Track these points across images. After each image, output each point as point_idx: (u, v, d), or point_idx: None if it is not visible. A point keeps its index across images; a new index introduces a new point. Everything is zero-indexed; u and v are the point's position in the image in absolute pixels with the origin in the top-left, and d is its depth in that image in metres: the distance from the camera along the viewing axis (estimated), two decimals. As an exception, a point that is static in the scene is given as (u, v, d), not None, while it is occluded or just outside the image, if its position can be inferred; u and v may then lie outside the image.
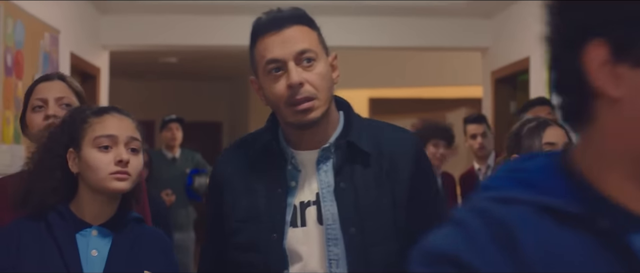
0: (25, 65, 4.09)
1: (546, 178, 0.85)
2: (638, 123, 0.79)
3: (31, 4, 4.23)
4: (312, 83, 1.69)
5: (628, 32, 0.77)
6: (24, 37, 4.09)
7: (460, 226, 0.83)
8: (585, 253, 0.80)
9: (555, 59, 0.84)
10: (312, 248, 1.74)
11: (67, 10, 5.11)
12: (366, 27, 6.21)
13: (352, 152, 1.75)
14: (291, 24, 1.71)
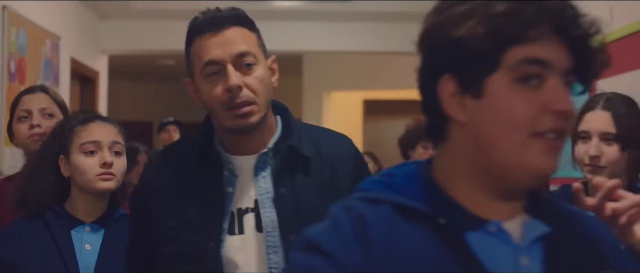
0: (28, 71, 4.30)
1: (406, 183, 1.05)
2: (479, 143, 0.99)
3: (33, 11, 4.43)
4: (251, 87, 1.63)
5: (469, 71, 0.97)
6: (27, 44, 4.29)
7: (332, 220, 1.02)
8: (424, 242, 0.99)
9: (421, 86, 1.04)
10: (250, 256, 1.67)
11: (67, 16, 5.31)
12: (361, 32, 6.42)
13: (292, 157, 1.69)
14: (230, 25, 1.64)
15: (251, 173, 1.68)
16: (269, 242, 1.64)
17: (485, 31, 0.95)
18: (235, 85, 1.60)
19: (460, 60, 0.98)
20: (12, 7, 4.04)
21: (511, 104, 0.96)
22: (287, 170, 1.67)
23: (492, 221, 0.99)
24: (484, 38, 0.95)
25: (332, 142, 1.72)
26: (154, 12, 6.04)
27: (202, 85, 1.65)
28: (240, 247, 1.65)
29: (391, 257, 0.97)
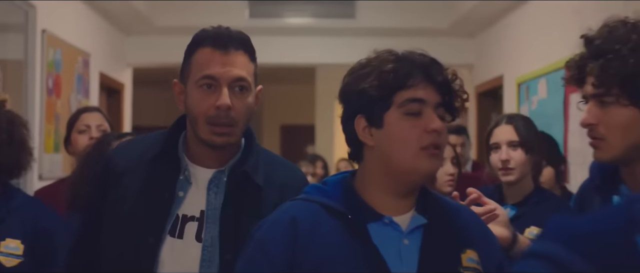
0: (63, 86, 4.79)
1: (333, 188, 1.52)
2: (384, 158, 1.46)
3: (68, 33, 4.92)
4: (238, 110, 1.70)
5: (372, 110, 1.45)
6: (62, 63, 4.79)
7: (274, 218, 1.51)
8: (338, 231, 1.45)
9: (343, 126, 1.52)
10: (185, 262, 1.71)
11: (96, 34, 5.80)
12: (366, 46, 6.82)
13: (245, 181, 1.74)
14: (236, 49, 1.71)
15: (204, 186, 1.74)
16: (205, 255, 1.70)
17: (379, 83, 1.43)
18: (226, 105, 1.67)
19: (366, 104, 1.45)
20: (50, 30, 4.53)
21: (403, 130, 1.44)
22: (238, 192, 1.73)
23: (386, 216, 1.47)
24: (379, 88, 1.43)
25: (285, 172, 1.82)
26: (174, 28, 6.51)
27: (193, 92, 1.71)
28: (178, 251, 1.71)
29: (313, 240, 1.45)
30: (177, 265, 1.71)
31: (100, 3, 5.57)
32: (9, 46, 4.22)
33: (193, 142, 1.76)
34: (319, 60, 7.09)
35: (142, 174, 1.76)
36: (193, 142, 1.76)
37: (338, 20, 6.52)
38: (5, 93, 3.93)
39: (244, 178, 1.73)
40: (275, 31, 6.58)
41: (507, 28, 5.87)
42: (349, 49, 6.82)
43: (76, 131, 2.97)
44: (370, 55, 1.52)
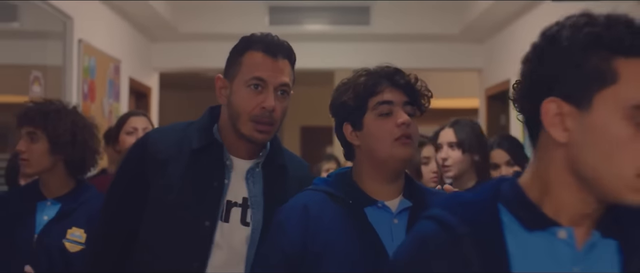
0: (97, 91, 5.17)
1: (336, 180, 1.85)
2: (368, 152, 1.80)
3: (101, 41, 5.30)
4: (278, 112, 1.87)
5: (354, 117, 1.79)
6: (96, 69, 5.16)
7: (290, 205, 1.81)
8: (341, 214, 1.77)
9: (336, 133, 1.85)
10: (232, 243, 1.89)
11: (126, 42, 6.18)
12: (378, 51, 7.18)
13: (279, 173, 1.96)
14: (284, 57, 1.91)
15: (243, 175, 1.93)
16: (253, 237, 1.90)
17: (354, 94, 1.78)
18: (272, 107, 1.85)
19: (348, 112, 1.79)
20: (86, 40, 4.91)
21: (378, 128, 1.76)
22: (274, 182, 1.95)
23: (379, 201, 1.81)
24: (355, 98, 1.78)
25: (301, 166, 2.07)
26: (197, 35, 6.87)
27: (240, 90, 1.87)
28: (226, 234, 1.88)
29: (321, 222, 1.78)
30: (227, 246, 1.87)
31: (130, 13, 5.94)
32: (48, 52, 4.57)
33: (229, 134, 1.91)
34: (335, 65, 7.42)
35: (186, 163, 1.88)
36: (229, 134, 1.91)
37: (353, 26, 6.85)
38: (47, 97, 4.30)
39: (278, 170, 1.96)
40: (294, 37, 6.88)
41: (513, 34, 6.17)
42: (364, 54, 7.15)
43: (124, 132, 3.32)
44: (349, 76, 1.85)
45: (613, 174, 1.09)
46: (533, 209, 1.16)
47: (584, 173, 1.12)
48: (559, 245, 1.15)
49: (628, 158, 1.08)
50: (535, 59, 1.17)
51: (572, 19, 1.14)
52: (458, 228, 1.15)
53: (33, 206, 2.42)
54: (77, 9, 4.78)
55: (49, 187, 2.45)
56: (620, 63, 1.09)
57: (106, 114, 5.38)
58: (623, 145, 1.08)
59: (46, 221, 2.40)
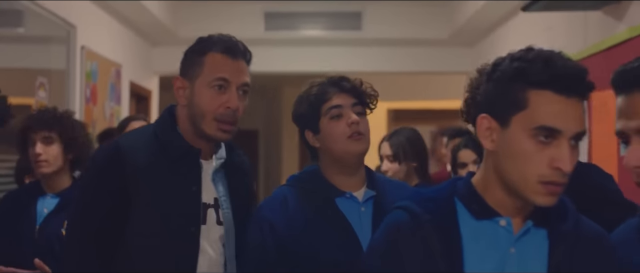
0: (98, 94, 5.43)
1: (309, 175, 2.09)
2: (327, 151, 2.07)
3: (102, 47, 5.56)
4: (241, 111, 1.94)
5: (311, 123, 2.04)
6: (98, 74, 5.42)
7: (271, 199, 2.06)
8: (317, 206, 2.00)
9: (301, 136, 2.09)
10: (211, 244, 1.94)
11: (127, 46, 6.44)
12: (371, 55, 7.45)
13: (237, 171, 2.05)
14: (243, 59, 1.96)
15: (210, 176, 1.98)
16: (227, 236, 1.98)
17: (309, 103, 2.02)
18: (236, 107, 1.90)
19: (306, 120, 2.04)
20: (88, 46, 5.18)
21: (333, 129, 2.00)
22: (235, 180, 2.04)
23: (347, 191, 2.06)
24: (309, 106, 2.02)
25: (245, 158, 2.16)
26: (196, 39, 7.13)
27: (202, 90, 1.90)
28: (205, 235, 1.93)
29: (299, 213, 2.03)
30: (209, 248, 1.94)
31: (130, 19, 6.20)
32: (52, 57, 4.81)
33: (190, 135, 1.95)
34: (330, 69, 7.66)
35: (164, 171, 1.91)
36: (190, 135, 1.95)
37: (346, 31, 7.11)
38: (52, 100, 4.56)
39: (236, 169, 2.06)
40: (288, 42, 7.19)
41: (499, 39, 6.42)
42: (358, 58, 7.43)
43: None
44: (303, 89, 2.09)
45: (522, 180, 1.38)
46: (481, 202, 1.45)
47: (504, 177, 1.41)
48: (500, 231, 1.44)
49: (532, 168, 1.36)
50: (479, 82, 1.46)
51: (511, 54, 1.43)
52: (422, 217, 1.45)
53: (35, 200, 2.70)
54: (81, 18, 5.05)
55: (53, 184, 2.72)
56: (532, 93, 1.36)
57: (108, 116, 5.64)
58: (529, 158, 1.36)
59: (46, 213, 2.68)
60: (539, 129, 1.35)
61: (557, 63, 1.36)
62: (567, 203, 1.48)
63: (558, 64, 1.36)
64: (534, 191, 1.37)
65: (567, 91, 1.35)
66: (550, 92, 1.35)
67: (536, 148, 1.35)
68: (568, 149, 1.35)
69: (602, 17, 3.98)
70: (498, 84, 1.40)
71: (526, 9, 4.12)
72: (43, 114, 2.79)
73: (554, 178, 1.35)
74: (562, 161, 1.34)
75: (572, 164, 1.36)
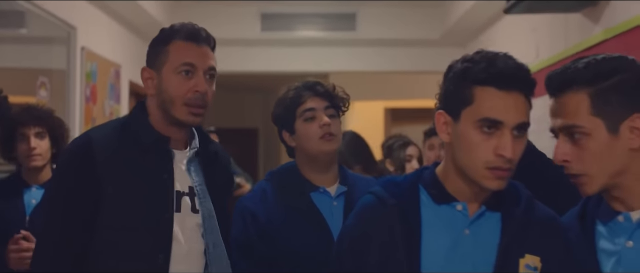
0: (98, 94, 5.60)
1: (286, 171, 2.26)
2: (302, 150, 2.26)
3: (102, 48, 5.73)
4: (209, 95, 1.93)
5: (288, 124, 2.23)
6: (97, 74, 5.59)
7: (253, 192, 2.26)
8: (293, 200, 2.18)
9: (279, 138, 2.27)
10: (187, 231, 1.92)
11: (126, 47, 6.59)
12: (365, 55, 7.62)
13: (213, 159, 2.05)
14: (207, 44, 1.95)
15: (184, 164, 1.97)
16: (206, 226, 1.95)
17: (284, 107, 2.18)
18: (204, 90, 1.90)
19: (283, 122, 2.20)
20: (88, 47, 5.34)
21: (307, 130, 2.17)
22: (212, 169, 2.04)
23: (321, 186, 2.22)
24: (286, 109, 2.19)
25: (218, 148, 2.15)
26: None
27: (170, 77, 1.89)
28: (179, 223, 1.92)
29: (277, 205, 2.19)
30: (183, 235, 1.92)
31: (130, 21, 6.37)
32: (53, 57, 4.96)
33: (161, 124, 1.94)
34: (325, 68, 7.85)
35: (135, 160, 1.90)
36: (161, 124, 1.94)
37: (341, 32, 7.28)
38: (52, 99, 4.73)
39: (212, 158, 2.06)
40: (284, 43, 7.36)
41: (488, 40, 6.57)
42: (352, 57, 7.60)
43: None
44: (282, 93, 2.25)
45: (471, 166, 1.55)
46: (440, 188, 1.63)
47: (458, 165, 1.59)
48: (457, 214, 1.61)
49: (479, 156, 1.53)
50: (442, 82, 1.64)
51: (463, 57, 1.61)
52: (388, 200, 1.63)
53: (20, 192, 2.88)
54: (81, 19, 5.21)
55: (38, 177, 2.91)
56: (477, 89, 1.54)
57: (107, 114, 5.80)
58: (476, 146, 1.53)
59: (35, 204, 2.86)
60: (483, 121, 1.52)
61: (499, 62, 1.53)
62: (521, 189, 1.65)
63: (499, 63, 1.53)
64: (483, 176, 1.53)
65: (507, 86, 1.52)
66: (493, 88, 1.52)
67: (482, 138, 1.52)
68: (510, 138, 1.52)
69: (581, 19, 4.14)
70: (450, 82, 1.58)
71: (508, 11, 4.27)
72: (34, 110, 2.97)
73: (498, 164, 1.52)
74: (504, 149, 1.51)
75: (515, 151, 1.52)
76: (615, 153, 1.52)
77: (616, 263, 1.54)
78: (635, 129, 1.52)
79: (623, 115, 1.52)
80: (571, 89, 1.55)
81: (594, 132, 1.53)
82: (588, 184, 1.54)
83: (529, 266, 1.55)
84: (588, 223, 1.61)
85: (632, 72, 1.54)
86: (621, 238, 1.54)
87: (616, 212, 1.56)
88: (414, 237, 1.57)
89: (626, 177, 1.53)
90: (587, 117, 1.53)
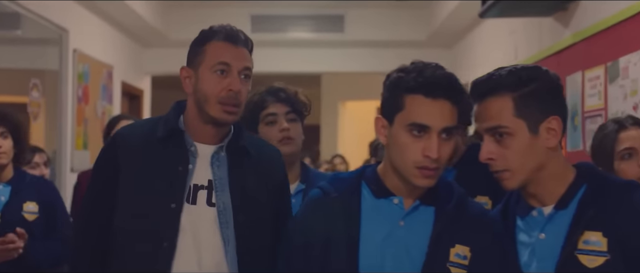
0: (90, 94, 5.75)
1: None
2: None
3: (94, 50, 5.88)
4: (242, 94, 1.97)
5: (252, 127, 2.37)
6: (90, 75, 5.74)
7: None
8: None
9: None
10: (200, 224, 1.95)
11: (119, 48, 6.75)
12: (354, 56, 7.77)
13: (242, 155, 2.02)
14: (243, 46, 1.99)
15: (208, 159, 2.00)
16: (221, 218, 1.96)
17: (248, 110, 2.28)
18: (238, 89, 1.95)
19: (248, 123, 2.31)
20: (80, 49, 5.49)
21: (268, 134, 2.30)
22: (238, 164, 2.02)
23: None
24: (250, 112, 2.31)
25: (268, 149, 2.13)
26: (186, 41, 7.32)
27: (206, 76, 1.95)
28: (194, 216, 1.95)
29: None
30: (193, 227, 1.95)
31: (122, 23, 6.52)
32: (46, 59, 5.11)
33: (196, 121, 2.00)
34: (313, 69, 8.02)
35: (153, 152, 1.98)
36: (196, 121, 2.00)
37: (329, 33, 7.44)
38: (45, 100, 4.89)
39: (241, 153, 2.03)
40: (274, 43, 7.52)
41: (472, 42, 6.73)
42: (340, 58, 7.76)
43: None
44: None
45: (403, 166, 1.72)
46: (380, 184, 1.79)
47: (393, 164, 1.75)
48: (394, 207, 1.77)
49: (409, 156, 1.70)
50: None
51: (400, 67, 1.76)
52: (332, 193, 1.79)
53: None
54: (73, 22, 5.36)
55: (1, 175, 3.03)
56: (407, 97, 1.70)
57: (99, 115, 5.95)
58: (406, 148, 1.70)
59: (4, 201, 2.99)
60: (412, 125, 1.68)
61: (427, 72, 1.69)
62: (455, 187, 1.81)
63: (427, 73, 1.68)
64: (412, 174, 1.70)
65: (433, 94, 1.67)
66: (421, 95, 1.68)
67: (411, 141, 1.69)
68: (435, 141, 1.67)
69: (553, 23, 4.30)
70: (386, 90, 1.75)
71: (483, 15, 4.42)
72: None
73: (426, 164, 1.68)
74: (430, 150, 1.67)
75: (440, 153, 1.68)
76: (535, 151, 1.67)
77: (531, 253, 1.69)
78: (551, 130, 1.68)
79: (541, 117, 1.68)
80: (496, 93, 1.69)
81: (517, 132, 1.67)
82: (510, 179, 1.70)
83: (459, 255, 1.70)
84: (510, 218, 1.77)
85: (545, 81, 1.72)
86: (535, 231, 1.70)
87: (532, 207, 1.73)
88: (353, 226, 1.72)
89: (543, 173, 1.69)
90: (511, 118, 1.67)
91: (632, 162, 2.29)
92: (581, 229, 1.62)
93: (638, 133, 2.32)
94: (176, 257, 1.93)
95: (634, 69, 3.21)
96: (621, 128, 2.33)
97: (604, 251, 1.59)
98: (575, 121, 3.90)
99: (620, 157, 2.30)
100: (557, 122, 1.69)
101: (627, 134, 2.32)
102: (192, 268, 1.94)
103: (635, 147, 2.29)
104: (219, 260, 1.96)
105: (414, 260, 1.70)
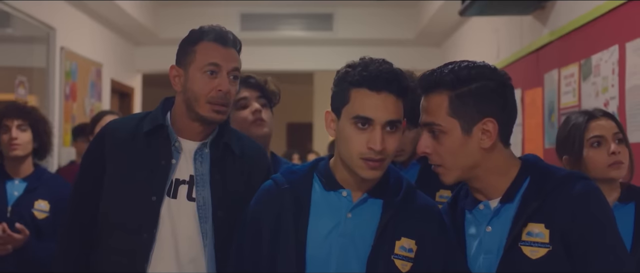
0: (78, 92, 5.79)
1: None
2: None
3: (82, 48, 5.92)
4: (231, 94, 2.01)
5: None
6: (77, 73, 5.79)
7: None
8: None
9: None
10: (179, 217, 2.00)
11: (108, 46, 6.80)
12: (343, 54, 7.74)
13: (225, 151, 2.05)
14: (233, 47, 2.03)
15: (191, 155, 2.04)
16: (201, 213, 2.01)
17: None
18: (227, 89, 1.99)
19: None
20: (68, 47, 5.53)
21: (238, 117, 2.34)
22: (221, 160, 2.05)
23: None
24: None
25: (253, 147, 2.15)
26: (176, 39, 7.40)
27: (196, 76, 1.98)
28: (173, 209, 2.00)
29: None
30: (173, 220, 2.00)
31: (112, 21, 6.56)
32: (34, 56, 5.15)
33: (183, 118, 2.05)
34: (302, 67, 8.07)
35: (138, 145, 2.03)
36: (183, 118, 2.05)
37: (318, 32, 7.49)
38: (32, 96, 4.93)
39: (224, 149, 2.07)
40: (263, 42, 7.57)
41: (459, 40, 6.78)
42: (329, 56, 7.80)
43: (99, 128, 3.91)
44: None
45: (349, 157, 1.75)
46: (330, 177, 1.83)
47: (341, 157, 1.79)
48: (342, 199, 1.81)
49: (354, 148, 1.73)
50: None
51: (348, 63, 1.80)
52: (283, 185, 1.83)
53: (2, 183, 3.07)
54: (60, 20, 5.41)
55: (19, 169, 3.09)
56: (352, 91, 1.74)
57: (88, 112, 5.99)
58: (351, 140, 1.73)
59: (17, 196, 3.04)
60: (357, 118, 1.71)
61: (371, 67, 1.72)
62: (403, 181, 1.84)
63: (371, 68, 1.72)
64: (358, 166, 1.73)
65: (377, 88, 1.70)
66: (365, 89, 1.71)
67: (356, 133, 1.72)
68: (379, 133, 1.70)
69: (532, 21, 4.35)
70: (335, 85, 1.79)
71: (462, 13, 4.47)
72: (18, 105, 3.19)
73: (370, 155, 1.71)
74: (374, 142, 1.70)
75: (384, 145, 1.71)
76: (467, 151, 1.69)
77: (479, 245, 1.73)
78: (486, 131, 1.69)
79: (476, 118, 1.68)
80: (436, 90, 1.71)
81: (450, 131, 1.68)
82: (444, 175, 1.73)
83: (404, 248, 1.74)
84: (458, 212, 1.80)
85: (490, 80, 1.71)
86: (483, 225, 1.73)
87: (478, 201, 1.76)
88: (302, 217, 1.76)
89: (480, 170, 1.71)
90: (445, 117, 1.68)
91: (602, 149, 2.32)
92: (524, 221, 1.65)
93: (608, 123, 2.37)
94: (155, 248, 1.98)
95: (604, 67, 3.27)
96: (591, 118, 2.38)
97: (546, 242, 1.62)
98: (552, 118, 3.96)
99: (590, 144, 2.33)
100: (492, 124, 1.68)
101: (597, 123, 2.36)
102: (170, 260, 1.99)
103: (605, 136, 2.33)
104: (196, 253, 2.01)
105: (360, 252, 1.74)
